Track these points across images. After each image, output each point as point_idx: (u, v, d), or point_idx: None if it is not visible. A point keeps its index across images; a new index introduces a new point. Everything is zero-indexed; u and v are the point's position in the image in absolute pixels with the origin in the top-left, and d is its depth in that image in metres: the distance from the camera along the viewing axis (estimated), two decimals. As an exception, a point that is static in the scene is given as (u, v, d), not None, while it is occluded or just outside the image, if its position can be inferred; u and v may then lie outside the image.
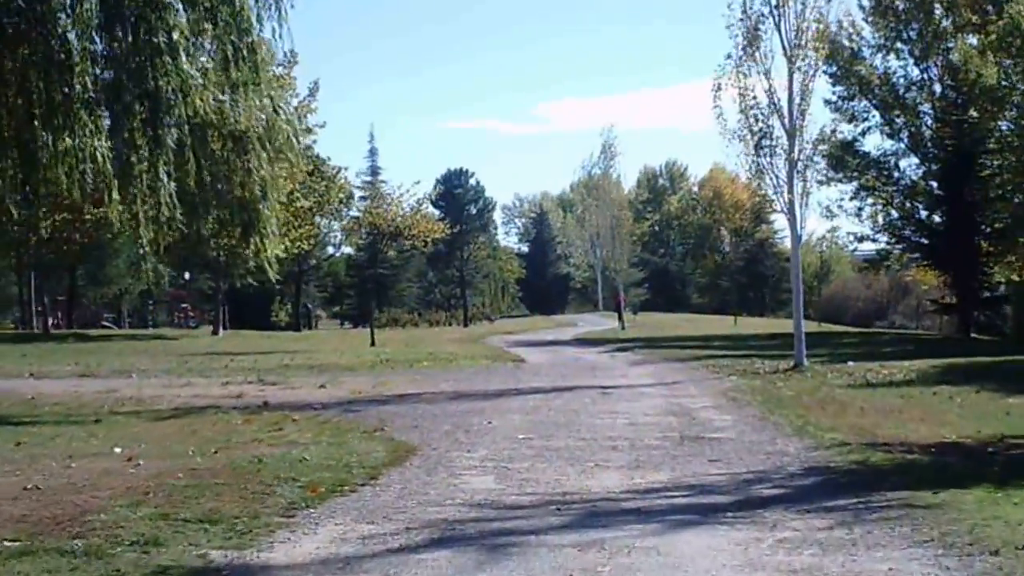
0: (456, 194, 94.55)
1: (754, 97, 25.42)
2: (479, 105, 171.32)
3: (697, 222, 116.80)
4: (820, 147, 26.31)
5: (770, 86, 25.21)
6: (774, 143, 25.50)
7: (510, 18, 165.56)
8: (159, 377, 25.13)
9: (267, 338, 45.54)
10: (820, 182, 55.00)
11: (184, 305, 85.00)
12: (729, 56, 25.54)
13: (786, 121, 25.32)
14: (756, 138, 25.64)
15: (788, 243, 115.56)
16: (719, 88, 25.86)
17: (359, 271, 63.47)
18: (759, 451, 12.74)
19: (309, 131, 48.38)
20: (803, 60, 25.01)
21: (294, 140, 46.84)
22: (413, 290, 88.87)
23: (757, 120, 25.64)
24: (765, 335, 48.99)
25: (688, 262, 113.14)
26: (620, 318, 60.88)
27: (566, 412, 17.20)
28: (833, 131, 30.91)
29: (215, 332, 47.31)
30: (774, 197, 25.76)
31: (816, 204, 56.95)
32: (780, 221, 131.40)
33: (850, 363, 27.00)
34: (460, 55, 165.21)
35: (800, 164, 25.35)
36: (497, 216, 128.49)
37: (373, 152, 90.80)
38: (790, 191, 25.27)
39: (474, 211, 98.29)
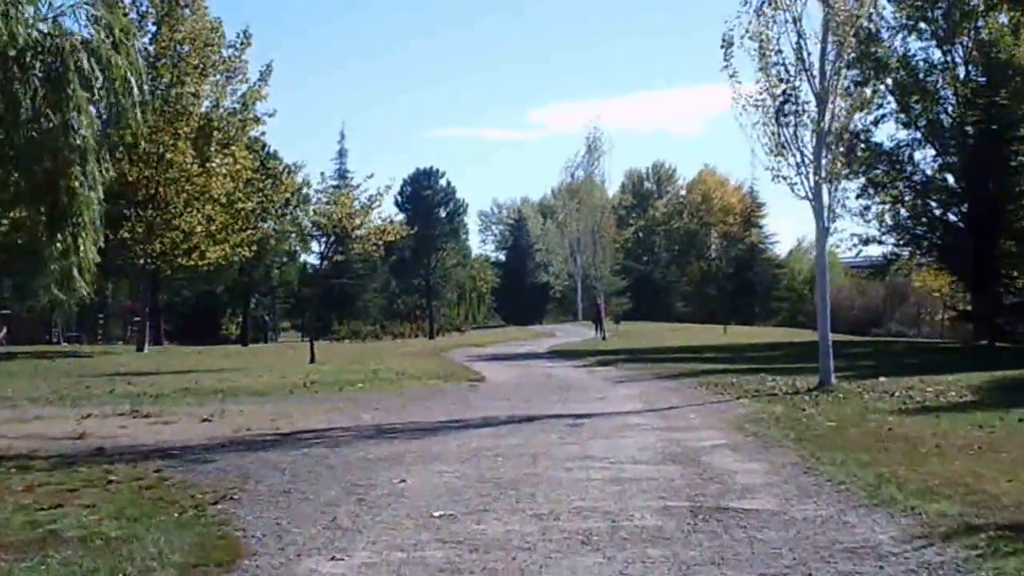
0: (424, 196, 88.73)
1: (779, 51, 20.25)
2: (467, 112, 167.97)
3: (684, 227, 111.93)
4: (856, 116, 20.92)
5: (799, 36, 20.10)
6: (800, 109, 20.33)
7: (498, 25, 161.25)
8: (13, 409, 19.80)
9: (198, 354, 40.21)
10: (795, 194, 50.40)
11: (138, 319, 79.82)
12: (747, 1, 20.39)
13: (816, 82, 20.16)
14: (778, 102, 20.41)
15: (778, 249, 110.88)
16: (730, 44, 20.63)
17: (310, 280, 58.03)
18: (830, 544, 7.58)
19: (258, 121, 43.14)
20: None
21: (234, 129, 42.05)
22: (379, 301, 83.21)
23: (780, 80, 20.44)
24: (763, 345, 43.95)
25: (673, 269, 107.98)
26: (599, 328, 55.81)
27: (519, 459, 12.06)
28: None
29: (139, 348, 41.95)
30: (796, 180, 20.50)
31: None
32: (772, 225, 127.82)
33: (882, 379, 21.93)
34: (449, 62, 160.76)
35: (831, 137, 20.20)
36: (473, 223, 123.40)
37: (342, 153, 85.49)
38: (816, 172, 20.08)
39: (443, 214, 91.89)
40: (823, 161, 19.96)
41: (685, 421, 15.67)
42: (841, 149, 20.45)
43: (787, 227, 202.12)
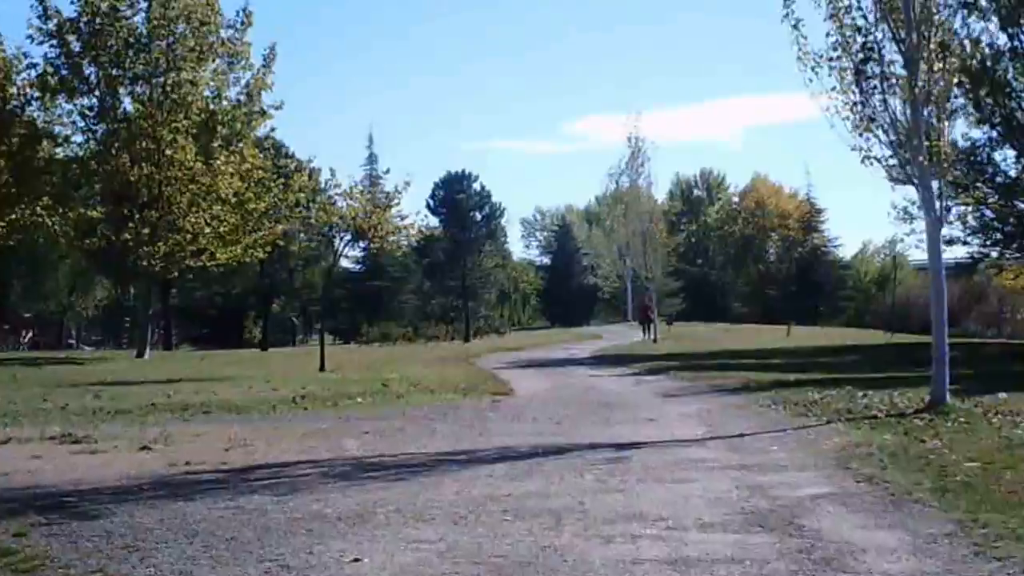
0: (458, 199, 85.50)
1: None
2: (503, 125, 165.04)
3: (739, 232, 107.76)
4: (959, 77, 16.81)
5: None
6: (887, 70, 16.44)
7: (533, 38, 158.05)
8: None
9: (202, 360, 36.96)
10: (893, 180, 46.29)
11: (163, 321, 77.17)
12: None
13: (903, 32, 16.19)
14: (856, 59, 16.53)
15: (842, 251, 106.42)
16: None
17: (329, 282, 54.81)
18: None
19: (264, 114, 39.65)
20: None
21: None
22: (413, 302, 79.83)
23: (858, 29, 16.56)
24: (834, 348, 40.09)
25: (729, 271, 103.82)
26: (648, 330, 52.09)
27: (537, 519, 8.56)
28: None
29: (139, 354, 38.78)
30: (893, 161, 16.65)
31: (891, 206, 47.08)
32: (834, 229, 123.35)
33: (1002, 395, 18.10)
34: (486, 75, 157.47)
35: (930, 103, 16.23)
36: (515, 230, 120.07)
37: (372, 159, 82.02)
38: (918, 149, 16.05)
39: (479, 217, 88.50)
40: (922, 132, 15.95)
41: (766, 456, 12.00)
42: (945, 123, 16.46)
43: (851, 232, 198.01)
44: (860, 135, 16.63)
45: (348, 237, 30.39)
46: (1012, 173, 43.44)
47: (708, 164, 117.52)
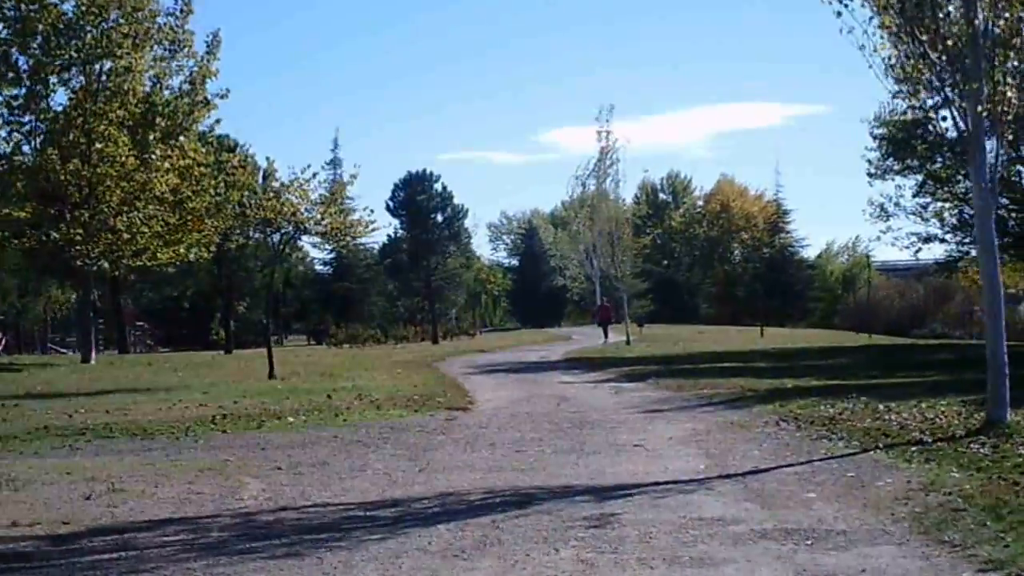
0: (419, 200, 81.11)
1: None
2: (474, 136, 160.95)
3: (704, 234, 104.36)
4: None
5: None
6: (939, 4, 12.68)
7: (504, 50, 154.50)
8: None
9: (149, 365, 32.95)
10: (872, 175, 42.90)
11: (141, 323, 72.80)
12: None
13: None
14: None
15: (811, 251, 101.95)
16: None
17: (271, 280, 50.82)
18: None
19: (208, 104, 35.30)
20: None
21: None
22: (381, 304, 75.80)
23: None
24: (818, 351, 36.55)
25: (696, 272, 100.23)
26: (606, 333, 48.39)
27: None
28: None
29: (85, 359, 34.71)
30: (944, 110, 12.97)
31: (867, 203, 43.46)
32: (802, 229, 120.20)
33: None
34: (457, 87, 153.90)
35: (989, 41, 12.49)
36: (483, 235, 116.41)
37: (335, 163, 77.78)
38: (975, 97, 12.29)
39: (441, 219, 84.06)
40: (982, 76, 12.28)
41: (807, 512, 8.32)
42: (1013, 63, 12.69)
43: (815, 231, 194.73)
44: (906, 82, 13.03)
45: (289, 234, 26.44)
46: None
47: (675, 170, 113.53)
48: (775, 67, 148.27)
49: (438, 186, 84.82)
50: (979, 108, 12.16)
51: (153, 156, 32.19)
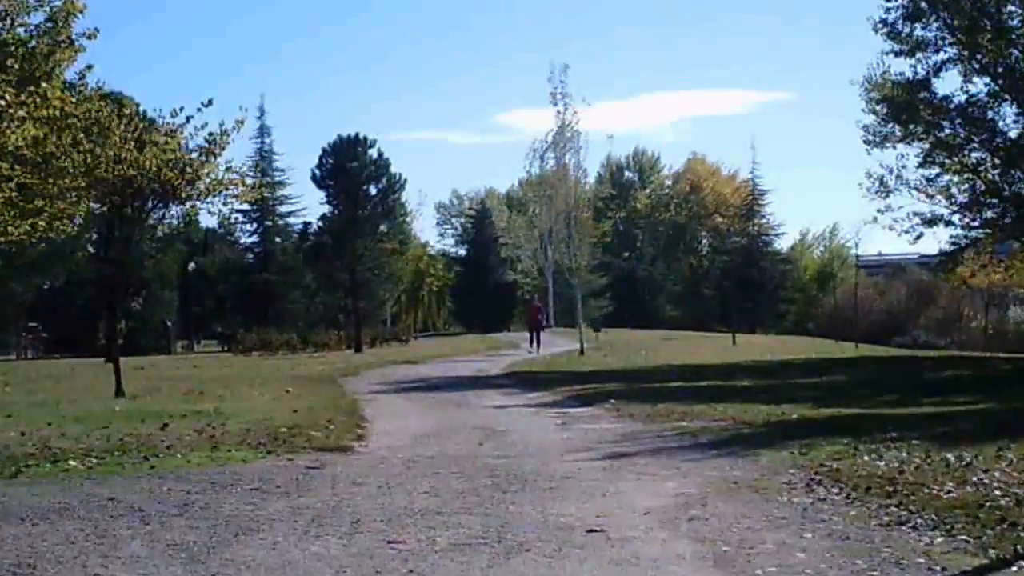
0: (349, 169, 71.81)
1: None
2: (431, 116, 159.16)
3: (670, 220, 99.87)
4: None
5: None
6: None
7: (465, 30, 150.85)
8: None
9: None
10: (870, 142, 38.62)
11: (33, 324, 67.09)
12: None
13: None
14: None
15: (786, 241, 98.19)
16: None
17: (121, 268, 45.20)
18: None
19: (72, 44, 29.75)
20: None
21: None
22: (302, 303, 70.00)
23: None
24: (806, 364, 32.30)
25: (659, 266, 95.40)
26: (533, 340, 43.57)
27: None
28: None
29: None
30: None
31: (865, 175, 39.01)
32: (780, 213, 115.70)
33: None
34: (414, 66, 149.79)
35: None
36: (430, 219, 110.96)
37: (263, 131, 72.30)
38: None
39: (374, 191, 74.56)
40: None
41: None
42: None
43: (787, 222, 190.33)
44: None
45: (153, 199, 21.30)
46: (1012, 134, 36.00)
47: (642, 147, 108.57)
48: (740, 53, 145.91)
49: (373, 152, 75.68)
50: None
51: (2, 102, 26.55)
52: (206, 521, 8.37)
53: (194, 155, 20.88)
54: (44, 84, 27.94)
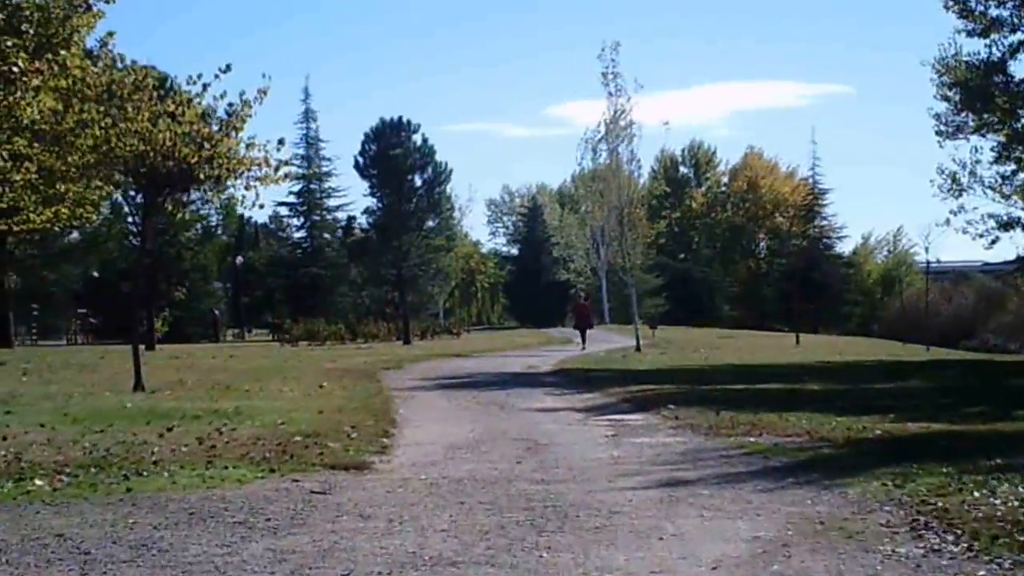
0: (393, 156, 68.52)
1: None
2: (483, 108, 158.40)
3: (726, 220, 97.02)
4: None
5: None
6: None
7: (517, 21, 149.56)
8: None
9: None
10: (942, 133, 36.19)
11: (83, 311, 66.25)
12: None
13: None
14: None
15: (847, 244, 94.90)
16: None
17: (140, 257, 43.83)
18: None
19: (89, 9, 27.84)
20: None
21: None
22: (349, 296, 68.46)
23: None
24: (882, 367, 30.23)
25: (716, 267, 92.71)
26: (584, 339, 41.59)
27: None
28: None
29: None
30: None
31: (937, 172, 36.51)
32: (842, 215, 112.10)
33: None
34: (465, 59, 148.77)
35: None
36: (480, 215, 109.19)
37: (308, 115, 70.68)
38: None
39: (419, 182, 70.81)
40: None
41: None
42: None
43: (851, 219, 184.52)
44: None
45: (170, 182, 19.60)
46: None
47: (698, 140, 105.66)
48: (795, 45, 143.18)
49: (417, 138, 72.16)
50: None
51: (15, 69, 24.75)
52: (160, 571, 6.70)
53: (213, 128, 19.18)
54: (63, 52, 26.23)
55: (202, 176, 19.06)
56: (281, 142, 19.73)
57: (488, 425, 15.04)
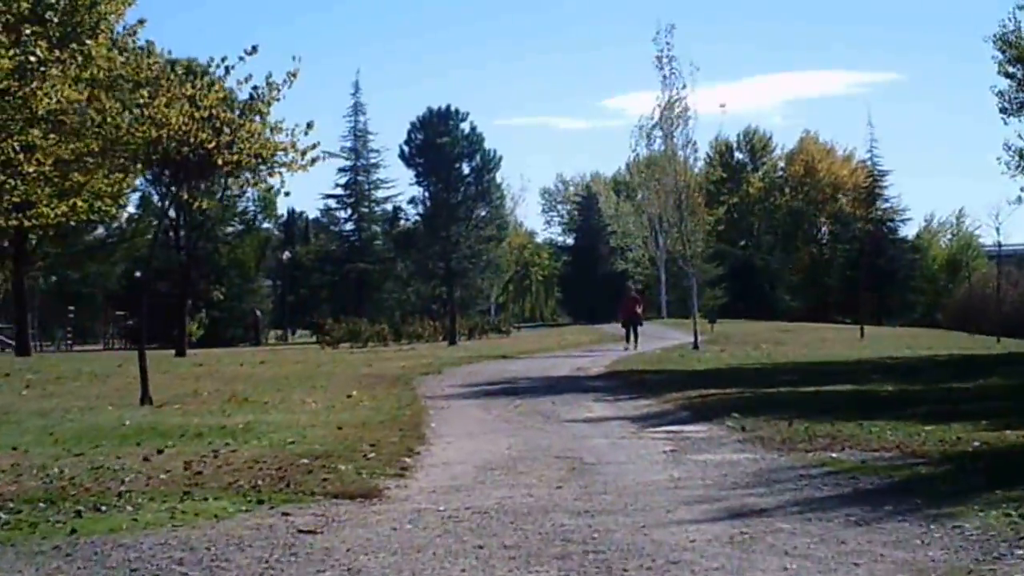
0: (439, 145, 66.68)
1: None
2: (537, 101, 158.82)
3: (785, 205, 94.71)
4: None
5: None
6: None
7: (570, 13, 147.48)
8: None
9: (6, 376, 25.05)
10: (1006, 110, 34.46)
11: (120, 313, 65.17)
12: None
13: None
14: None
15: (910, 228, 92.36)
16: None
17: (151, 250, 42.19)
18: None
19: None
20: None
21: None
22: (395, 293, 66.87)
23: None
24: (953, 362, 28.14)
25: (778, 255, 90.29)
26: (630, 336, 39.35)
27: None
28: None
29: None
30: None
31: (1003, 147, 34.76)
32: (906, 197, 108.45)
33: None
34: (519, 51, 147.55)
35: None
36: (535, 206, 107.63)
37: (358, 109, 69.55)
38: None
39: (467, 170, 68.97)
40: None
41: None
42: None
43: (912, 204, 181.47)
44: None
45: (187, 170, 18.07)
46: None
47: (752, 126, 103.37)
48: (844, 32, 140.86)
49: (465, 126, 70.38)
50: None
51: (32, 59, 23.20)
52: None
53: (235, 113, 17.61)
54: (89, 42, 24.72)
55: (220, 162, 17.43)
56: (310, 125, 18.08)
57: (528, 440, 13.30)
